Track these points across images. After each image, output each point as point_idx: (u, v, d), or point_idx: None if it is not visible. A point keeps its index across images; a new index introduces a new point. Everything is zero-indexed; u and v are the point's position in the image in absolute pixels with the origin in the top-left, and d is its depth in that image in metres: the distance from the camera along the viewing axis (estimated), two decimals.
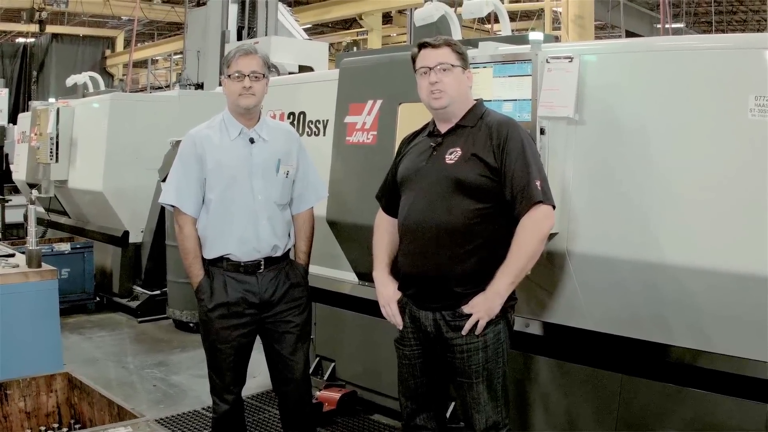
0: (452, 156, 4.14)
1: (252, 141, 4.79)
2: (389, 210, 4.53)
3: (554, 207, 4.07)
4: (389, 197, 4.53)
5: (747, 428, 4.31)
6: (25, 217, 13.28)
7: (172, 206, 4.83)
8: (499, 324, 4.15)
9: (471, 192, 4.07)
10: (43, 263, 5.80)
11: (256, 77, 4.73)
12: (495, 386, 4.18)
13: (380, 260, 4.52)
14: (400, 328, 4.38)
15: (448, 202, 4.10)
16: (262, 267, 4.79)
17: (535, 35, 4.74)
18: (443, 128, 4.27)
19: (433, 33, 5.84)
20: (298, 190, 4.98)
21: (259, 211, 4.76)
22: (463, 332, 4.09)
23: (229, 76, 4.73)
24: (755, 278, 4.07)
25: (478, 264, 4.08)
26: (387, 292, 4.43)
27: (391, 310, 4.40)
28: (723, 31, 32.42)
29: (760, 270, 4.06)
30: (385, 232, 4.54)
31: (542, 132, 4.62)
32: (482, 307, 4.05)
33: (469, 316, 4.08)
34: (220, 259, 4.77)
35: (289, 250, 4.99)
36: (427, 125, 4.41)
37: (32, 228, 5.80)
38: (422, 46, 4.28)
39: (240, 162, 4.75)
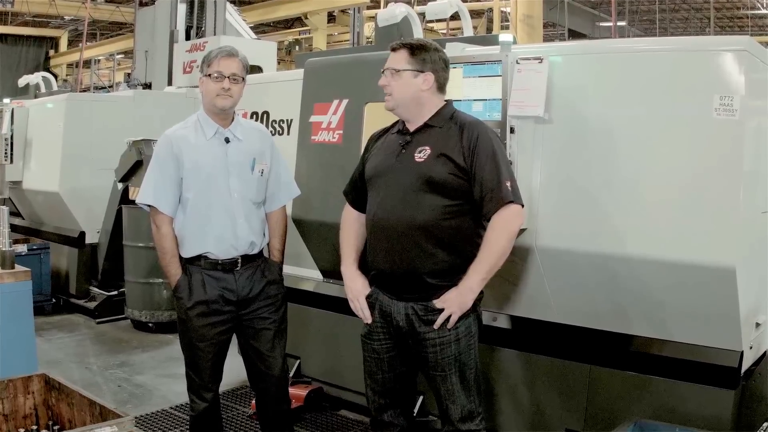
0: (421, 154, 4.21)
1: (227, 140, 4.83)
2: (356, 205, 4.60)
3: (522, 206, 4.16)
4: (357, 193, 4.59)
5: (713, 414, 4.46)
6: None
7: (149, 206, 4.83)
8: (469, 317, 4.24)
9: (440, 189, 4.15)
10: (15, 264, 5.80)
11: (235, 80, 4.78)
12: (468, 377, 4.27)
13: (348, 255, 4.58)
14: (369, 322, 4.44)
15: (417, 199, 4.18)
16: (239, 265, 4.83)
17: (505, 37, 4.83)
18: (411, 127, 4.34)
19: (395, 33, 5.94)
20: (271, 188, 5.03)
21: (235, 210, 4.80)
22: (435, 326, 4.17)
23: (209, 75, 4.77)
24: (719, 270, 4.23)
25: (447, 259, 4.17)
26: (355, 286, 4.48)
27: (359, 304, 4.45)
28: (665, 29, 32.75)
29: (725, 262, 4.21)
30: (351, 227, 4.60)
31: (512, 131, 4.73)
32: (455, 302, 4.13)
33: (441, 310, 4.16)
34: (198, 258, 4.80)
35: (264, 247, 5.05)
36: (396, 123, 4.49)
37: (5, 229, 5.79)
38: (390, 48, 4.38)
39: (216, 161, 4.79)
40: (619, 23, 29.63)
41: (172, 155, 4.78)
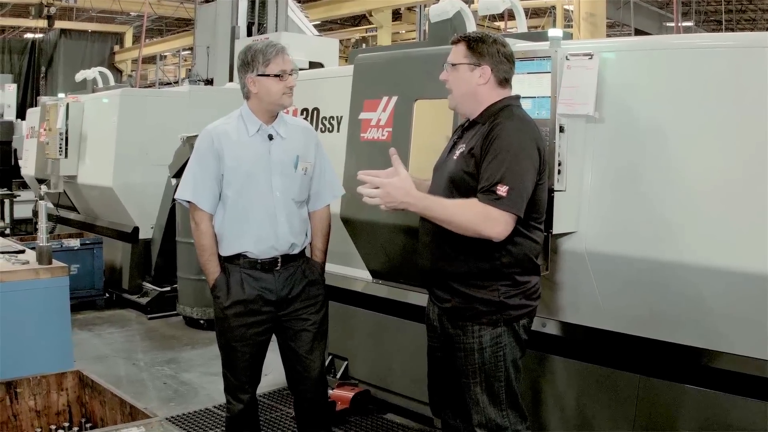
0: (459, 153, 4.10)
1: (270, 137, 4.72)
2: None
3: (515, 215, 3.84)
4: None
5: (763, 428, 4.27)
6: (34, 212, 13.29)
7: (188, 202, 4.74)
8: (498, 328, 4.04)
9: (459, 189, 4.01)
10: (53, 260, 5.74)
11: (291, 74, 4.68)
12: (496, 390, 4.09)
13: None
14: None
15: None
16: (279, 264, 4.72)
17: (554, 32, 4.68)
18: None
19: (448, 29, 5.81)
20: (314, 187, 4.92)
21: (277, 209, 4.69)
22: (358, 190, 4.01)
23: (268, 75, 4.62)
24: None
25: (468, 263, 4.01)
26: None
27: None
28: (732, 30, 32.27)
29: None
30: None
31: (561, 130, 4.56)
32: (390, 188, 3.90)
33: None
34: (237, 257, 4.70)
35: (305, 247, 4.94)
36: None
37: (43, 224, 5.74)
38: (451, 42, 4.26)
39: (259, 158, 4.69)
40: (686, 24, 29.27)
41: (213, 151, 4.68)
